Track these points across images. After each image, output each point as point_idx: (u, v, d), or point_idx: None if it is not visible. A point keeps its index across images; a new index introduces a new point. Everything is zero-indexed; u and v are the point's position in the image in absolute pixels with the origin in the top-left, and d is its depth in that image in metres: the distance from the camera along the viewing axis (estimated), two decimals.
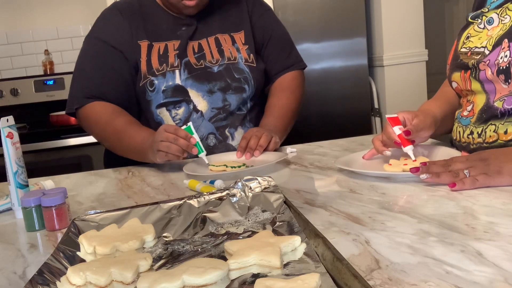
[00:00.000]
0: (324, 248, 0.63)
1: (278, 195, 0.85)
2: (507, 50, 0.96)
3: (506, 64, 0.96)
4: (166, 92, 1.41)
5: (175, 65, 1.42)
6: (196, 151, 1.23)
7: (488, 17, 1.06)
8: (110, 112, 1.40)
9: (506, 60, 0.96)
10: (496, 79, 0.98)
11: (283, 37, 1.62)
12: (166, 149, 1.20)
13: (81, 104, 1.42)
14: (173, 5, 1.43)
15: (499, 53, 0.98)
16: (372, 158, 1.16)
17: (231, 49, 1.49)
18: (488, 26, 1.05)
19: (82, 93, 1.42)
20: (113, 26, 1.45)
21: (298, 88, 1.59)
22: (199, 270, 0.60)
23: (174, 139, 1.20)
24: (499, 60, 0.97)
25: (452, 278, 0.56)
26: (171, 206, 0.85)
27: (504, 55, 0.97)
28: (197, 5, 1.42)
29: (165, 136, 1.20)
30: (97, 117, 1.40)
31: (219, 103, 1.45)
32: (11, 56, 3.11)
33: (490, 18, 1.05)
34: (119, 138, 1.37)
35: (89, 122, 1.43)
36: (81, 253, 0.74)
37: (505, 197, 0.83)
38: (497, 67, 0.97)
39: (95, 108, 1.41)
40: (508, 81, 0.96)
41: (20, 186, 1.02)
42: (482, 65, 1.01)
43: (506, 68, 0.96)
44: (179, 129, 1.22)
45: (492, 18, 1.04)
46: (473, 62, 1.03)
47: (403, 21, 2.85)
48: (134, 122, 1.39)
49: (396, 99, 2.88)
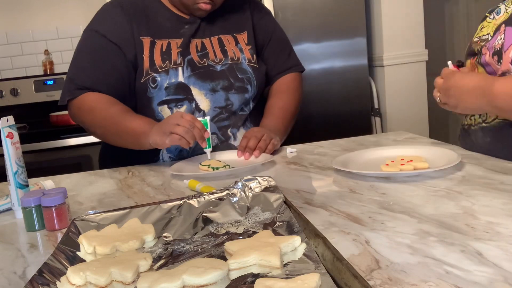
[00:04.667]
0: (324, 248, 0.63)
1: (278, 195, 0.85)
2: (503, 34, 1.04)
3: (500, 45, 1.03)
4: (168, 89, 1.41)
5: (178, 63, 1.42)
6: (205, 144, 1.26)
7: (498, 9, 1.14)
8: (105, 101, 1.39)
9: (500, 42, 1.03)
10: (492, 61, 1.05)
11: (282, 40, 1.63)
12: (183, 133, 1.21)
13: (73, 95, 1.41)
14: (186, 6, 1.43)
15: (497, 37, 1.06)
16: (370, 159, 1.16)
17: (235, 50, 1.49)
18: (496, 16, 1.13)
19: (75, 84, 1.41)
20: (112, 21, 1.44)
21: (297, 90, 1.59)
22: (199, 270, 0.60)
23: (192, 126, 1.21)
24: (495, 43, 1.05)
25: (452, 278, 0.56)
26: (171, 206, 0.85)
27: (499, 38, 1.05)
28: (211, 9, 1.43)
29: (182, 121, 1.22)
30: (91, 105, 1.39)
31: (221, 102, 1.45)
32: (11, 56, 3.10)
33: (499, 9, 1.13)
34: (114, 122, 1.35)
35: (82, 111, 1.41)
36: (81, 253, 0.74)
37: (505, 197, 0.83)
38: (494, 49, 1.05)
39: (89, 97, 1.40)
40: (500, 61, 1.02)
41: (20, 186, 1.02)
42: (484, 50, 1.09)
43: (499, 49, 1.03)
44: (197, 119, 1.25)
45: (500, 9, 1.12)
46: (478, 48, 1.11)
47: (403, 21, 2.85)
48: (129, 110, 1.39)
49: (396, 99, 2.88)
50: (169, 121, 1.25)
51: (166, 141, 1.24)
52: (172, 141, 1.23)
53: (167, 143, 1.24)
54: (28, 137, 2.51)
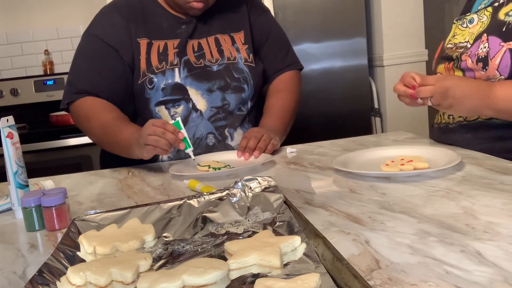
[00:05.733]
0: (324, 248, 0.63)
1: (278, 195, 0.85)
2: (486, 42, 1.13)
3: (485, 53, 1.11)
4: (165, 90, 1.41)
5: (175, 63, 1.42)
6: (183, 146, 1.21)
7: (469, 18, 1.24)
8: (100, 107, 1.39)
9: (485, 50, 1.12)
10: (475, 67, 1.13)
11: (280, 38, 1.63)
12: (154, 143, 1.17)
13: (72, 99, 1.42)
14: (179, 5, 1.43)
15: (479, 46, 1.14)
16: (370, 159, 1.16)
17: (231, 49, 1.49)
18: (469, 25, 1.23)
19: (75, 88, 1.43)
20: (110, 24, 1.45)
21: (296, 88, 1.59)
22: (199, 270, 0.60)
23: (162, 133, 1.17)
24: (479, 51, 1.13)
25: (452, 278, 0.56)
26: (171, 206, 0.85)
27: (483, 46, 1.13)
28: (204, 8, 1.42)
29: (153, 130, 1.18)
30: (87, 111, 1.40)
31: (218, 102, 1.45)
32: (11, 56, 3.10)
33: (471, 19, 1.23)
34: (106, 132, 1.36)
35: (79, 116, 1.42)
36: (81, 253, 0.74)
37: (505, 197, 0.83)
38: (477, 56, 1.13)
39: (86, 102, 1.41)
40: (485, 67, 1.11)
41: (20, 186, 1.02)
42: (464, 56, 1.17)
43: (484, 57, 1.12)
44: (167, 123, 1.20)
45: (473, 18, 1.22)
46: (456, 54, 1.20)
47: (403, 21, 2.85)
48: (123, 118, 1.38)
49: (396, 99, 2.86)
50: (143, 133, 1.20)
51: (144, 154, 1.21)
52: (149, 153, 1.20)
53: (146, 156, 1.22)
54: (28, 137, 2.51)
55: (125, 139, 1.30)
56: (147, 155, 1.22)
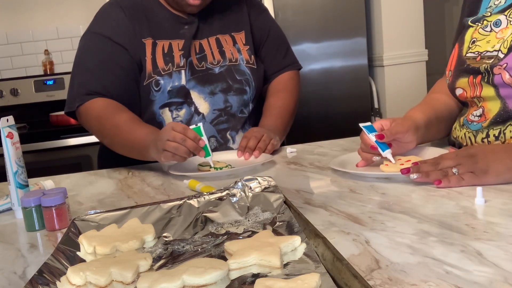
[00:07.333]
0: (324, 248, 0.63)
1: (278, 195, 0.85)
2: None
3: None
4: (171, 92, 1.39)
5: (181, 65, 1.40)
6: (203, 154, 1.17)
7: (494, 20, 1.02)
8: (112, 108, 1.35)
9: None
10: None
11: (279, 38, 1.62)
12: (174, 150, 1.13)
13: (83, 101, 1.37)
14: (176, 2, 1.41)
15: None
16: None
17: (232, 50, 1.48)
18: (495, 28, 1.01)
19: (84, 89, 1.37)
20: (115, 22, 1.41)
21: (295, 88, 1.59)
22: (199, 270, 0.60)
23: (182, 139, 1.13)
24: None
25: (452, 278, 0.56)
26: (171, 206, 0.85)
27: None
28: (201, 5, 1.41)
29: (172, 136, 1.13)
30: (98, 112, 1.35)
31: (220, 104, 1.44)
32: (11, 56, 3.11)
33: (497, 20, 1.01)
34: (119, 133, 1.32)
35: (89, 117, 1.37)
36: (81, 253, 0.74)
37: (505, 197, 0.83)
38: None
39: (97, 103, 1.36)
40: None
41: (20, 186, 1.02)
42: (497, 69, 0.97)
43: None
44: (188, 129, 1.15)
45: (500, 20, 1.00)
46: (485, 66, 0.99)
47: (403, 21, 2.85)
48: (136, 119, 1.35)
49: (396, 99, 2.89)
50: (161, 137, 1.17)
51: (162, 158, 1.18)
52: (166, 158, 1.17)
53: (163, 161, 1.20)
54: (28, 137, 2.51)
55: (140, 140, 1.26)
56: (164, 160, 1.18)
